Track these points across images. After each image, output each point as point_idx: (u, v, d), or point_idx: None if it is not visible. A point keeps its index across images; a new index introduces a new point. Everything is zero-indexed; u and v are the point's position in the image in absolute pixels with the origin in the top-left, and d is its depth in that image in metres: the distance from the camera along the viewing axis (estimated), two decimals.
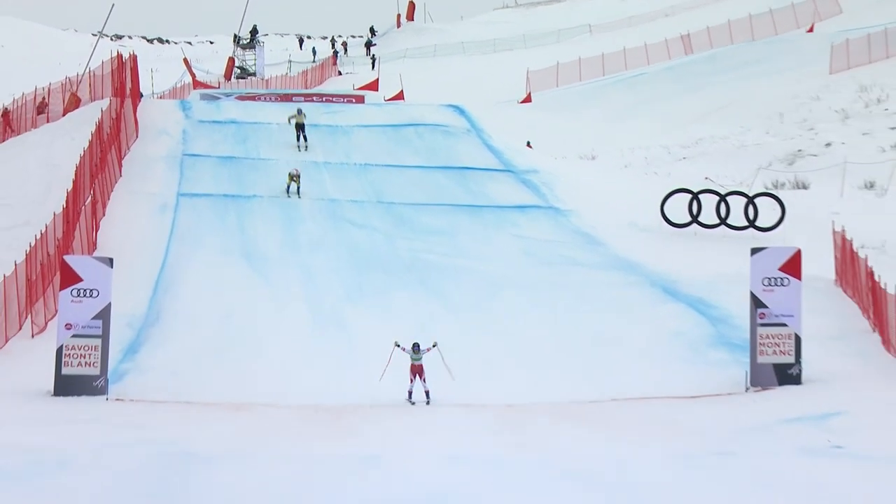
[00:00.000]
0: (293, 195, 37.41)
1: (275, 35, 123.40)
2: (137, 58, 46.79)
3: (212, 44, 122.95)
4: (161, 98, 69.84)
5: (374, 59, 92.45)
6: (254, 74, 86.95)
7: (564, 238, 36.53)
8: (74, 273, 24.92)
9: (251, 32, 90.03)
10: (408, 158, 42.42)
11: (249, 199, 38.31)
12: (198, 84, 73.38)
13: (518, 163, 42.67)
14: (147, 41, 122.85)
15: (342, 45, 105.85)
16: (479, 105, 54.70)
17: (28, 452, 19.27)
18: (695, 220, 37.74)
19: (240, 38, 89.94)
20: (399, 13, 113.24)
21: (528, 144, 51.11)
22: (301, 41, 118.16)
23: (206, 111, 46.74)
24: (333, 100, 52.10)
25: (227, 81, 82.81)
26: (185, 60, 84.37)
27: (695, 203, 37.88)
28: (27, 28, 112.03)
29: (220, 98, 52.40)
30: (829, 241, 33.49)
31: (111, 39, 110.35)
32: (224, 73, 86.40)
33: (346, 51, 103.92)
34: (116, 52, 45.38)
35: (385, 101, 55.82)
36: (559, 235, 36.73)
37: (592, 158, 56.37)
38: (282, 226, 36.59)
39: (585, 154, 57.28)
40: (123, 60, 44.07)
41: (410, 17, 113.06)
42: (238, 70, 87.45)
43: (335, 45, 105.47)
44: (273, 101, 51.31)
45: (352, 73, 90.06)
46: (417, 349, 24.19)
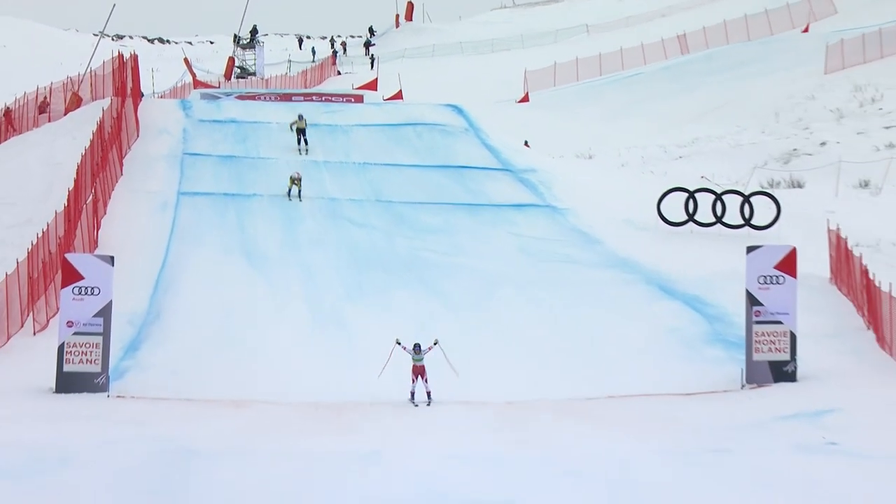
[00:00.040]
0: (294, 198, 37.34)
1: (274, 35, 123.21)
2: (138, 57, 46.73)
3: (212, 44, 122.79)
4: (162, 97, 69.78)
5: (373, 59, 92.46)
6: (254, 74, 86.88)
7: (562, 236, 36.52)
8: (76, 271, 24.93)
9: (251, 32, 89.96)
10: (406, 157, 42.39)
11: (249, 198, 38.29)
12: (198, 84, 73.28)
13: (516, 162, 42.63)
14: (148, 41, 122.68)
15: (341, 45, 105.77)
16: (477, 104, 54.65)
17: (30, 449, 19.29)
18: (691, 219, 37.75)
19: (240, 38, 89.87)
20: (398, 13, 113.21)
21: (526, 144, 51.05)
22: (300, 41, 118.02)
23: (207, 110, 46.68)
24: (333, 99, 52.00)
25: (228, 81, 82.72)
26: (186, 60, 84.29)
27: (691, 202, 37.88)
28: (29, 28, 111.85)
29: (221, 97, 52.32)
30: (824, 240, 33.50)
31: (112, 39, 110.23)
32: (224, 73, 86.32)
33: (346, 51, 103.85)
34: (117, 52, 45.35)
35: (384, 101, 55.70)
36: (557, 234, 36.72)
37: (589, 157, 56.37)
38: (281, 224, 36.56)
39: (582, 153, 57.26)
40: (124, 60, 44.03)
41: (409, 18, 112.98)
42: (238, 70, 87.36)
43: (334, 45, 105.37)
44: (273, 101, 51.25)
45: (351, 73, 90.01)
46: (419, 350, 23.79)
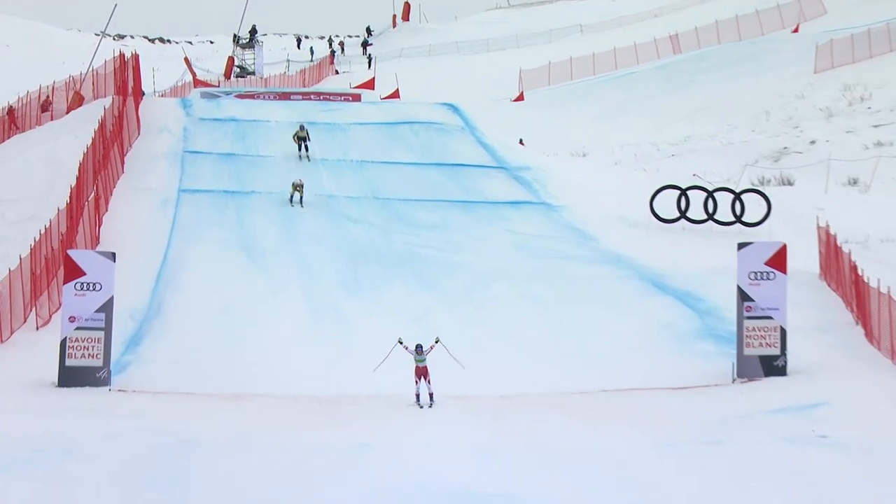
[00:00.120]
0: (296, 204, 37.15)
1: (273, 35, 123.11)
2: (139, 57, 46.67)
3: (212, 43, 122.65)
4: (162, 96, 69.75)
5: (371, 59, 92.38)
6: (253, 73, 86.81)
7: (556, 233, 36.54)
8: (78, 267, 24.93)
9: (250, 32, 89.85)
10: (403, 155, 42.38)
11: (248, 195, 38.28)
12: (198, 83, 73.23)
13: (511, 160, 42.64)
14: (149, 41, 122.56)
15: (339, 45, 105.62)
16: (473, 103, 54.60)
17: (33, 442, 19.29)
18: (683, 216, 37.79)
19: (239, 38, 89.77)
20: (395, 13, 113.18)
21: (521, 142, 51.06)
22: (299, 41, 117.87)
23: (207, 109, 46.65)
24: (331, 98, 51.98)
25: (227, 80, 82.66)
26: (186, 59, 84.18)
27: (683, 199, 37.92)
28: (32, 28, 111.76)
29: (220, 96, 52.29)
30: (814, 236, 33.54)
31: (114, 39, 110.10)
32: (224, 72, 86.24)
33: (343, 50, 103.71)
34: (119, 52, 45.32)
35: (381, 100, 55.69)
36: (551, 230, 36.74)
37: (583, 155, 56.38)
38: (280, 221, 36.56)
39: (577, 151, 57.27)
40: (126, 59, 44.00)
41: (406, 18, 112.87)
42: (238, 69, 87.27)
43: (332, 45, 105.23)
44: (272, 100, 51.25)
45: (349, 72, 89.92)
46: (420, 350, 22.92)
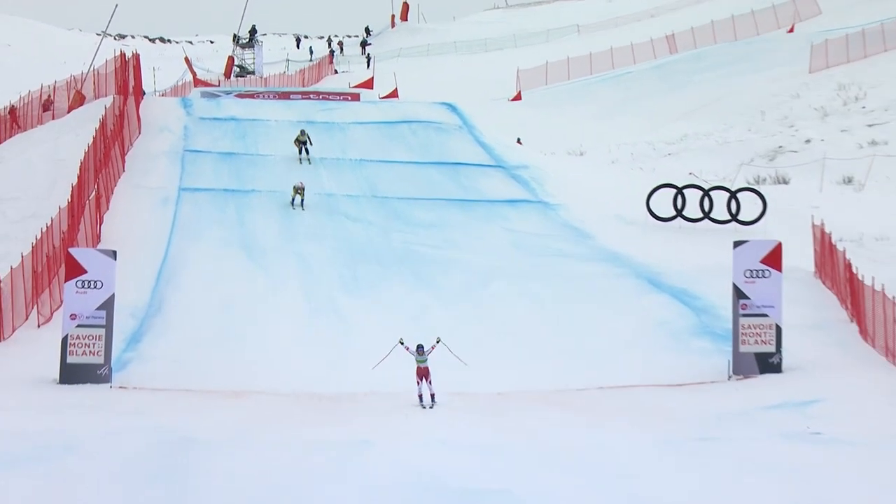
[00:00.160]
0: (297, 207, 36.97)
1: (273, 35, 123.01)
2: (140, 56, 46.59)
3: (212, 43, 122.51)
4: (163, 96, 69.65)
5: (370, 58, 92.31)
6: (253, 73, 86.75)
7: (553, 231, 36.53)
8: (79, 265, 24.94)
9: (250, 32, 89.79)
10: (401, 154, 42.34)
11: (248, 194, 38.27)
12: (198, 82, 73.12)
13: (508, 158, 42.61)
14: (149, 40, 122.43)
15: (338, 45, 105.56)
16: (471, 102, 54.56)
17: (35, 438, 19.30)
18: (679, 214, 37.79)
19: (239, 38, 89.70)
20: (393, 14, 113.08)
21: (519, 141, 51.04)
22: (298, 41, 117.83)
23: (207, 108, 46.59)
24: (330, 97, 51.94)
25: (227, 80, 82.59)
26: (187, 59, 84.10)
27: (679, 197, 37.91)
28: (33, 28, 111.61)
29: (220, 96, 52.24)
30: (809, 235, 33.55)
31: (115, 39, 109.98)
32: (224, 72, 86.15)
33: (342, 50, 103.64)
34: (120, 51, 45.25)
35: (380, 99, 55.64)
36: (548, 229, 36.73)
37: (580, 154, 56.37)
38: (280, 219, 36.54)
39: (574, 150, 57.26)
40: (126, 59, 43.93)
41: (404, 18, 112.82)
42: (237, 69, 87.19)
43: (331, 45, 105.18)
44: (271, 99, 51.21)
45: (347, 72, 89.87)
46: (422, 350, 22.67)
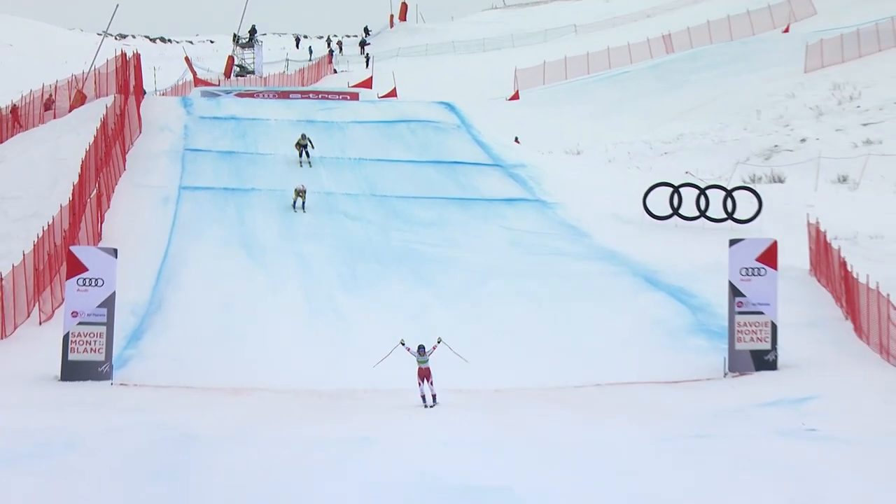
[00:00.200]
0: (299, 210, 36.82)
1: (273, 34, 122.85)
2: (141, 56, 46.55)
3: (212, 43, 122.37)
4: (163, 95, 69.56)
5: (368, 58, 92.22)
6: (252, 72, 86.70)
7: (551, 230, 36.54)
8: (80, 263, 24.93)
9: (250, 32, 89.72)
10: (400, 153, 42.34)
11: (248, 192, 38.27)
12: (199, 82, 73.05)
13: (506, 157, 42.61)
14: (150, 40, 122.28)
15: (337, 45, 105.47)
16: (469, 102, 54.54)
17: (36, 435, 19.28)
18: (676, 213, 37.79)
19: (239, 38, 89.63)
20: (392, 14, 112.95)
21: (516, 140, 51.04)
22: (298, 40, 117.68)
23: (207, 108, 46.58)
24: (329, 97, 51.95)
25: (227, 79, 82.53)
26: (187, 59, 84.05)
27: (675, 196, 37.92)
28: (35, 28, 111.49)
29: (221, 95, 52.23)
30: (804, 233, 33.55)
31: (115, 38, 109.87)
32: (224, 71, 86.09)
33: (342, 50, 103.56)
34: (120, 51, 45.24)
35: (379, 99, 55.64)
36: (546, 227, 36.73)
37: (578, 153, 56.36)
38: (279, 218, 36.55)
39: (571, 149, 57.24)
40: (127, 59, 43.92)
41: (403, 18, 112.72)
42: (237, 68, 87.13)
43: (331, 45, 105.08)
44: (271, 98, 51.20)
45: (347, 72, 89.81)
46: (423, 351, 22.39)
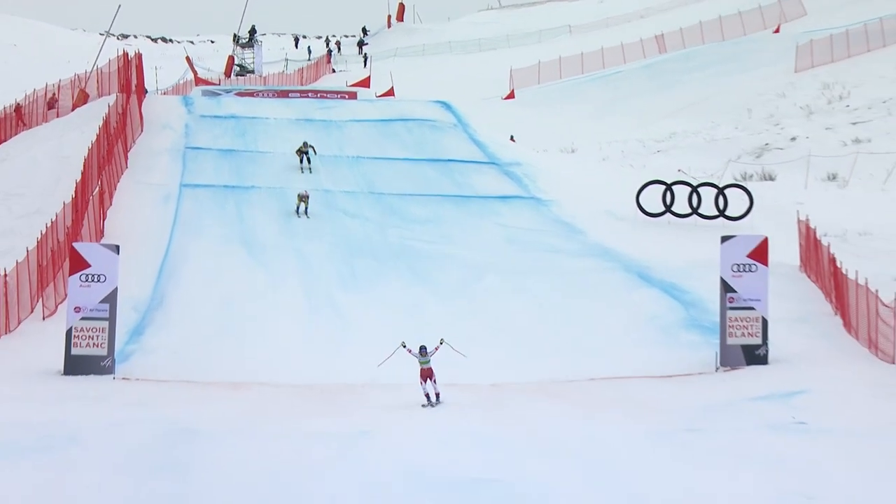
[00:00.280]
0: (302, 215, 36.58)
1: (272, 35, 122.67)
2: (142, 56, 46.53)
3: (213, 43, 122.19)
4: (165, 94, 69.45)
5: (366, 58, 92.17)
6: (252, 72, 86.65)
7: (545, 227, 36.53)
8: (83, 259, 24.92)
9: (250, 32, 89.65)
10: (397, 151, 42.33)
11: (248, 190, 38.25)
12: (199, 81, 73.00)
13: (502, 156, 42.59)
14: (151, 40, 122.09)
15: (336, 45, 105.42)
16: (465, 101, 54.52)
17: (39, 429, 19.27)
18: (668, 210, 37.80)
19: (239, 38, 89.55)
20: (389, 14, 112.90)
21: (512, 138, 51.01)
22: (297, 40, 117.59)
23: (208, 106, 46.55)
24: (327, 96, 51.95)
25: (228, 78, 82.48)
26: (188, 58, 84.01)
27: (668, 194, 37.93)
28: (38, 28, 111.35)
29: (221, 94, 52.23)
30: (795, 230, 33.56)
31: (117, 38, 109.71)
32: (224, 71, 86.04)
33: (340, 50, 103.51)
34: (122, 51, 45.21)
35: (376, 98, 55.65)
36: (540, 224, 36.72)
37: (572, 152, 56.35)
38: (279, 215, 36.53)
39: (565, 147, 57.24)
40: (129, 58, 43.90)
41: (400, 18, 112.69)
42: (237, 68, 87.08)
43: (329, 45, 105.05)
44: (270, 97, 51.19)
45: (345, 71, 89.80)
46: (424, 352, 21.99)
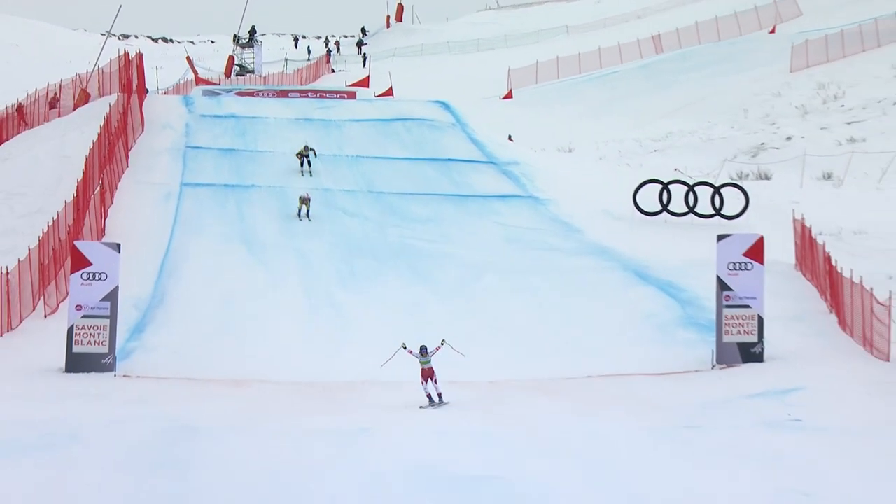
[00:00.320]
0: (304, 218, 36.46)
1: (272, 35, 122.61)
2: (143, 56, 46.53)
3: (213, 43, 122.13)
4: (165, 94, 69.41)
5: (366, 58, 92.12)
6: (252, 72, 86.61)
7: (543, 226, 36.52)
8: (84, 258, 24.93)
9: (250, 32, 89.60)
10: (396, 151, 42.32)
11: (248, 189, 38.24)
12: (200, 81, 72.96)
13: (500, 155, 42.58)
14: (152, 40, 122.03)
15: (335, 45, 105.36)
16: (464, 101, 54.48)
17: (41, 426, 19.28)
18: (665, 209, 37.79)
19: (239, 38, 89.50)
20: (388, 14, 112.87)
21: (510, 138, 51.01)
22: (296, 40, 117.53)
23: (208, 106, 46.54)
24: (327, 96, 51.92)
25: (228, 78, 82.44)
26: (188, 58, 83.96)
27: (665, 193, 37.92)
28: (40, 28, 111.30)
29: (221, 94, 52.20)
30: (790, 229, 33.56)
31: (118, 39, 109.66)
32: (224, 71, 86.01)
33: (339, 50, 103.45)
34: (123, 51, 45.20)
35: (375, 97, 55.63)
36: (538, 223, 36.72)
37: (570, 151, 56.35)
38: (279, 214, 36.52)
39: (563, 147, 57.24)
40: (130, 58, 43.89)
41: (399, 19, 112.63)
42: (238, 67, 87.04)
43: (329, 45, 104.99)
44: (270, 97, 51.17)
45: (344, 71, 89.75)
46: (425, 352, 21.93)
